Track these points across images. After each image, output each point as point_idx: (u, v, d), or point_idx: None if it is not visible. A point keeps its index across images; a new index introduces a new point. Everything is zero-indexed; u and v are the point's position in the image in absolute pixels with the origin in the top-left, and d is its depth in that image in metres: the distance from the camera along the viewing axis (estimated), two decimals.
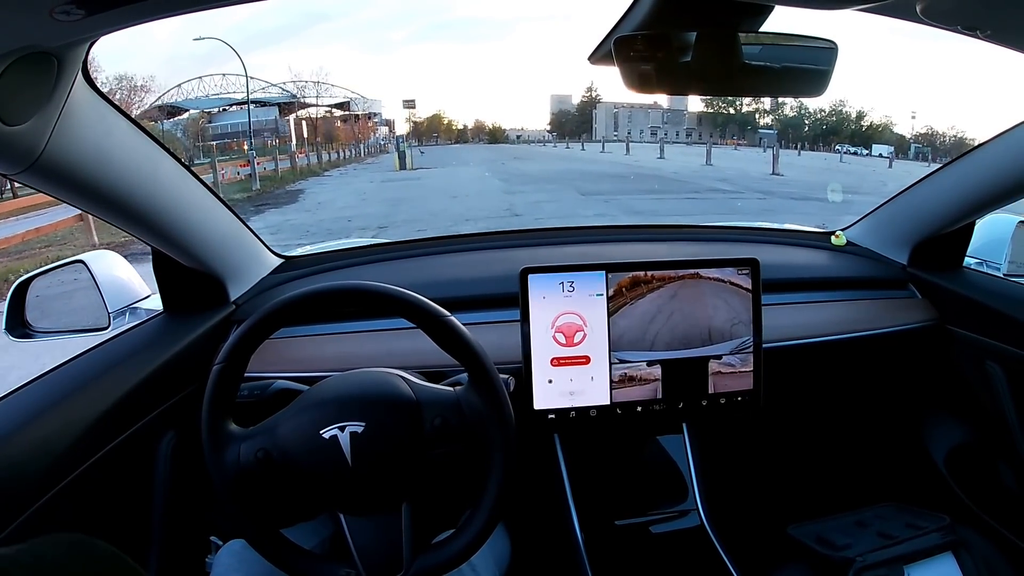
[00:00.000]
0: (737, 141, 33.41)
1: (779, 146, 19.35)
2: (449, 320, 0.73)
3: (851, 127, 33.35)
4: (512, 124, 44.29)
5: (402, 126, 38.15)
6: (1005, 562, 1.07)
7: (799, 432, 1.31)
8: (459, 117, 49.37)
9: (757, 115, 35.72)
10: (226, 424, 0.71)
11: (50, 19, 0.46)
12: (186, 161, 0.88)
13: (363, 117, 33.37)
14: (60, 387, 0.83)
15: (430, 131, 40.42)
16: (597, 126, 39.35)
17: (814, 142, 32.15)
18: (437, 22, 60.40)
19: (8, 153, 0.59)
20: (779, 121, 34.97)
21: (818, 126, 34.25)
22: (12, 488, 0.71)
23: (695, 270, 1.01)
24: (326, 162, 21.53)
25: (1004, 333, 1.10)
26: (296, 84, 31.66)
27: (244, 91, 27.65)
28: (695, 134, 36.26)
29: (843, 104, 33.57)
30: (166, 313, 1.03)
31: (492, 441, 0.72)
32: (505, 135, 40.53)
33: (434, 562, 0.71)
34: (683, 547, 0.98)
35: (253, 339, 0.72)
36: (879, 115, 32.08)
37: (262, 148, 25.75)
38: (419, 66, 56.85)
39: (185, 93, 29.02)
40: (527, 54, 67.79)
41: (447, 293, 0.96)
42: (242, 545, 0.86)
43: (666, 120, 37.74)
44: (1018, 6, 0.53)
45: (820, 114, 34.37)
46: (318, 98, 31.72)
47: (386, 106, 38.01)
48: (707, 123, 37.34)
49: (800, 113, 34.83)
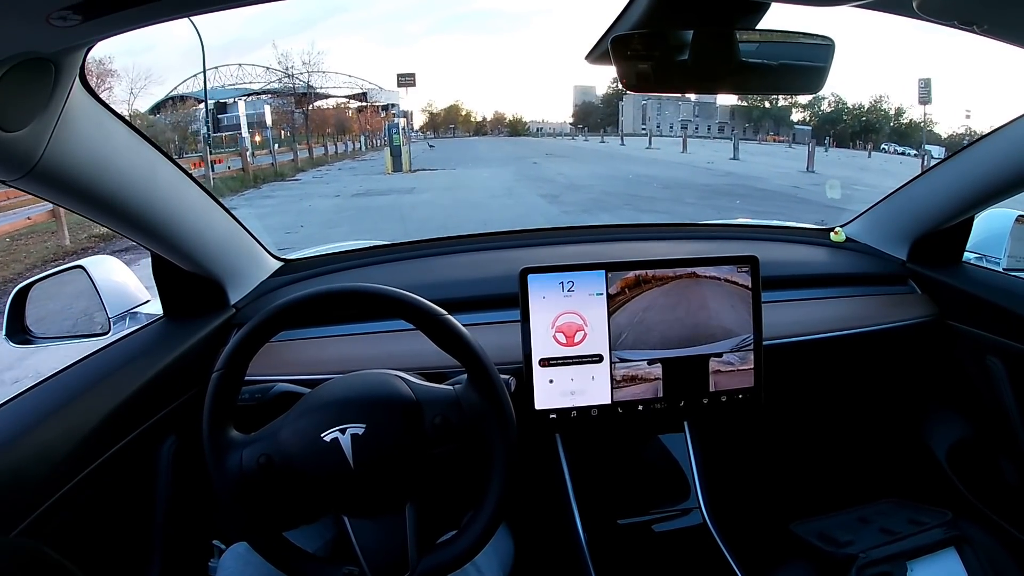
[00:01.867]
0: (778, 137, 31.55)
1: (814, 143, 18.56)
2: (445, 318, 0.73)
3: (890, 124, 31.26)
4: (532, 116, 42.93)
5: (419, 117, 36.99)
6: (1008, 557, 1.07)
7: (800, 429, 1.31)
8: (477, 108, 47.87)
9: (793, 109, 33.67)
10: (227, 431, 0.71)
11: (47, 25, 0.46)
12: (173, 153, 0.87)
13: (370, 108, 32.58)
14: (61, 392, 0.83)
15: (447, 123, 39.52)
16: (624, 119, 37.93)
17: (851, 139, 30.12)
18: (454, 14, 60.34)
19: (6, 159, 0.59)
20: (816, 116, 32.81)
21: (856, 122, 31.98)
22: (14, 494, 0.71)
23: (695, 268, 1.01)
24: (319, 157, 19.41)
25: (1004, 328, 1.10)
26: (308, 72, 30.71)
27: (260, 81, 27.04)
28: (727, 128, 34.47)
29: (883, 100, 31.65)
30: (166, 318, 1.03)
31: (493, 437, 0.72)
32: (526, 127, 39.33)
33: (439, 561, 0.71)
34: (685, 545, 0.98)
35: (252, 344, 0.72)
36: (919, 112, 29.35)
37: (264, 141, 25.01)
38: (436, 58, 56.49)
39: (199, 84, 28.24)
40: (548, 45, 67.09)
41: (447, 294, 0.96)
42: (245, 549, 0.86)
43: (697, 113, 36.31)
44: (1014, 1, 0.53)
45: (859, 109, 32.14)
46: (315, 87, 30.85)
47: (403, 97, 36.63)
48: (740, 117, 35.57)
49: (838, 108, 32.56)
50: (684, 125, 35.07)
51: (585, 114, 40.29)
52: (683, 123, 35.64)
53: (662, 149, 21.52)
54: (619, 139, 29.74)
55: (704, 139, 30.01)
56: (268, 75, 27.68)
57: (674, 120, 36.76)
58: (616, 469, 1.06)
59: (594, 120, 39.03)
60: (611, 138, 31.46)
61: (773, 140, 29.43)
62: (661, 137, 29.05)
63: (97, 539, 0.85)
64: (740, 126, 34.12)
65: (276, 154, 17.68)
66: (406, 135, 23.16)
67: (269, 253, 1.21)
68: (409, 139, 22.36)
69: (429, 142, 27.56)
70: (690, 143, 21.98)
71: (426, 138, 33.80)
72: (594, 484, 1.03)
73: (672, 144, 23.51)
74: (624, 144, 25.95)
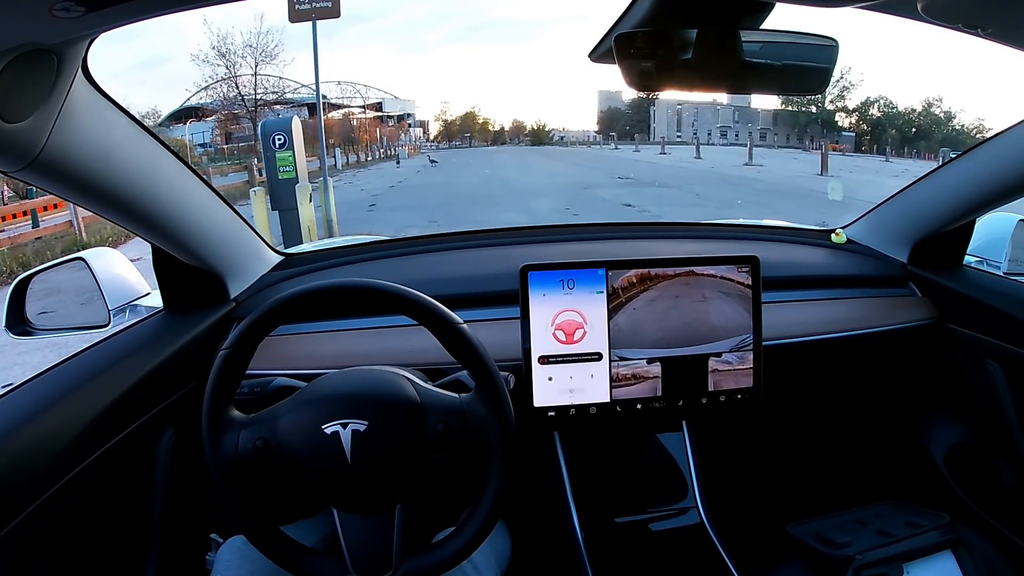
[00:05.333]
0: (836, 145, 27.59)
1: (891, 151, 17.23)
2: (462, 328, 0.73)
3: (942, 130, 28.42)
4: (551, 124, 40.30)
5: (433, 127, 34.97)
6: (1004, 560, 1.07)
7: (799, 430, 1.31)
8: (495, 116, 45.54)
9: (837, 115, 30.74)
10: (227, 410, 0.70)
11: (50, 16, 0.46)
12: None
13: (371, 120, 31.00)
14: (60, 385, 0.83)
15: (462, 131, 37.39)
16: (655, 125, 35.33)
17: (900, 146, 27.60)
18: (472, 23, 59.94)
19: (8, 150, 0.59)
20: (865, 121, 30.35)
21: (907, 128, 29.44)
22: (12, 486, 0.71)
23: (695, 268, 1.01)
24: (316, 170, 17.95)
25: (1004, 332, 1.10)
26: (340, 85, 29.50)
27: (274, 93, 25.47)
28: (769, 135, 32.03)
29: (935, 103, 29.00)
30: (166, 310, 1.03)
31: (493, 452, 0.72)
32: (550, 135, 37.34)
33: (425, 564, 0.71)
34: (683, 545, 0.98)
35: (264, 327, 0.71)
36: (971, 117, 27.69)
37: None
38: (454, 67, 55.72)
39: (212, 95, 26.73)
40: (567, 52, 66.01)
41: (448, 290, 0.96)
42: (243, 542, 0.86)
43: (737, 119, 33.63)
44: (1019, 4, 0.53)
45: (911, 114, 29.53)
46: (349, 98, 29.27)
47: (420, 107, 35.19)
48: (783, 122, 32.65)
49: (888, 112, 30.00)
50: (723, 132, 32.96)
51: (611, 120, 38.14)
52: (722, 129, 33.41)
53: (718, 159, 18.37)
54: (658, 148, 26.94)
55: (736, 147, 26.91)
56: (282, 84, 26.65)
57: (712, 126, 34.06)
58: (614, 467, 1.06)
59: (621, 127, 36.85)
60: (642, 147, 28.81)
61: (832, 149, 23.50)
62: (707, 146, 26.18)
63: (95, 531, 0.85)
64: (784, 132, 32.00)
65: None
66: (405, 145, 21.22)
67: (270, 247, 1.21)
68: (395, 153, 20.23)
69: (430, 156, 24.06)
70: (731, 151, 19.60)
71: (431, 150, 30.72)
72: (592, 482, 1.03)
73: (717, 152, 20.14)
74: (667, 153, 22.61)
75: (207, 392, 0.70)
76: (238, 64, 24.65)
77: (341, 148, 22.82)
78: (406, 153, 25.86)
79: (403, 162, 22.49)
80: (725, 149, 23.62)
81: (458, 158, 22.88)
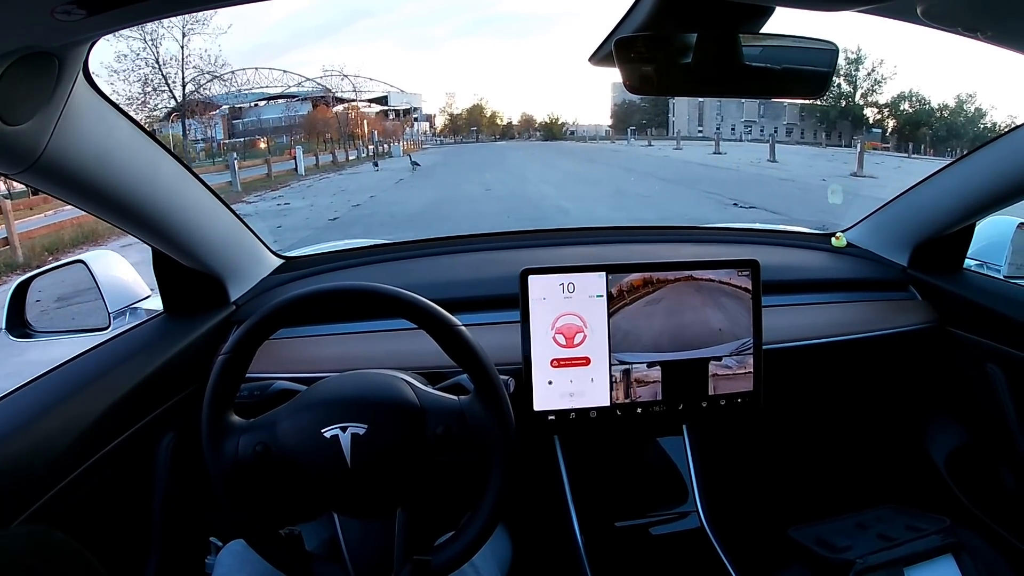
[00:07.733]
0: (879, 144, 24.75)
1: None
2: (461, 331, 0.73)
3: (974, 128, 25.64)
4: (562, 118, 37.47)
5: (438, 120, 32.67)
6: (1005, 564, 1.07)
7: (799, 434, 1.31)
8: (504, 109, 42.85)
9: (867, 109, 28.00)
10: (227, 415, 0.70)
11: (51, 19, 0.46)
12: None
13: (361, 113, 28.71)
14: (60, 387, 0.83)
15: (469, 125, 35.20)
16: (675, 119, 32.93)
17: (933, 144, 25.42)
18: (480, 17, 59.60)
19: (9, 153, 0.59)
20: (898, 117, 27.81)
21: (940, 126, 26.72)
22: (12, 487, 0.71)
23: (695, 271, 1.01)
24: (324, 164, 15.95)
25: (1004, 335, 1.09)
26: (341, 77, 27.13)
27: (277, 86, 24.49)
28: (796, 131, 29.83)
29: (969, 100, 26.03)
30: (166, 313, 1.03)
31: (493, 454, 0.72)
32: (564, 129, 35.34)
33: (426, 568, 0.71)
34: (683, 549, 0.98)
35: (263, 331, 0.71)
36: (1002, 114, 24.11)
37: (286, 144, 22.41)
38: (462, 61, 55.38)
39: (216, 88, 24.65)
40: (579, 45, 65.45)
41: (447, 294, 0.96)
42: (242, 546, 0.86)
43: (762, 113, 30.87)
44: (1019, 8, 0.53)
45: (945, 111, 26.58)
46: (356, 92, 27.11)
47: (426, 100, 32.87)
48: (811, 117, 30.00)
49: (922, 108, 27.11)
50: (748, 126, 30.69)
51: (626, 115, 35.60)
52: (747, 124, 31.09)
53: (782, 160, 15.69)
54: (675, 143, 25.21)
55: (758, 143, 24.69)
56: (286, 78, 26.16)
57: (737, 120, 31.58)
58: (614, 471, 1.05)
59: (637, 121, 34.56)
60: (658, 141, 27.16)
61: (872, 147, 21.27)
62: (736, 142, 24.65)
63: (94, 534, 0.85)
64: (811, 128, 29.70)
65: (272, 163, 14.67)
66: (403, 141, 18.09)
67: (270, 250, 1.21)
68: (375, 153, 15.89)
69: (412, 156, 17.98)
70: (759, 147, 18.44)
71: (436, 145, 28.48)
72: (592, 486, 1.03)
73: (742, 150, 18.00)
74: (723, 153, 19.53)
75: (207, 397, 0.69)
76: (160, 36, 18.11)
77: (304, 147, 18.88)
78: (400, 151, 22.30)
79: (389, 162, 17.65)
80: (750, 146, 22.05)
81: (459, 157, 18.12)
